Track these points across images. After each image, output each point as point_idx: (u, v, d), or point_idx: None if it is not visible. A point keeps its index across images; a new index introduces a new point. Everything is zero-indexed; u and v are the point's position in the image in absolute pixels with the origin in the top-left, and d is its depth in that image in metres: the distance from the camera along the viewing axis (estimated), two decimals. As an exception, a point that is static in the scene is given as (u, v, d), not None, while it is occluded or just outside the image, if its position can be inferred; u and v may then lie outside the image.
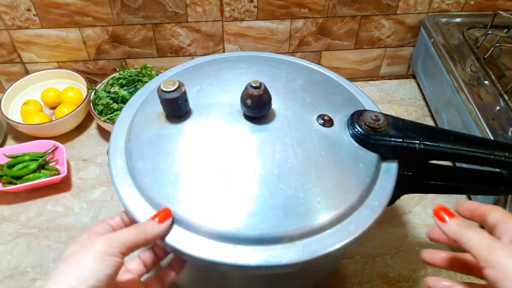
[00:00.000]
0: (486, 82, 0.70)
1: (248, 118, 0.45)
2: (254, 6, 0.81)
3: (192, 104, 0.46)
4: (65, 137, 0.80)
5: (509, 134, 0.61)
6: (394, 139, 0.43)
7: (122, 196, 0.41)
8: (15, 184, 0.69)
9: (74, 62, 0.87)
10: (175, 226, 0.38)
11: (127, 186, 0.41)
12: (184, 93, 0.43)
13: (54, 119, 0.79)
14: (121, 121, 0.48)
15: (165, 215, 0.37)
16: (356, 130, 0.44)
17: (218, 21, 0.83)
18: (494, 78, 0.70)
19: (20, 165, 0.71)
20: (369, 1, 0.82)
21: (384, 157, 0.44)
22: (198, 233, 0.38)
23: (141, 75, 0.83)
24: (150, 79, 0.82)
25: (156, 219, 0.37)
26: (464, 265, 0.42)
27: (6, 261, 0.63)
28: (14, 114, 0.81)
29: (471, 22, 0.83)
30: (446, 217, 0.36)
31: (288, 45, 0.88)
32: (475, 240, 0.33)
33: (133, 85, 0.82)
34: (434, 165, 0.49)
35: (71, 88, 0.84)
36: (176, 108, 0.44)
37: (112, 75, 0.84)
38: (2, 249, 0.65)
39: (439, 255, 0.43)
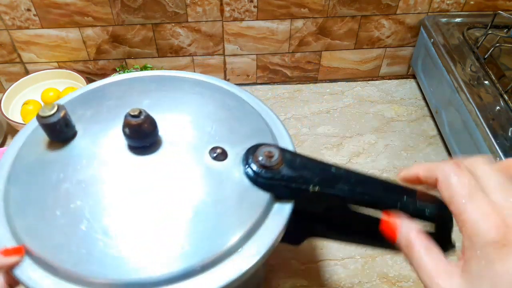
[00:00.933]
0: (486, 82, 0.70)
1: (132, 148, 0.42)
2: (254, 6, 0.81)
3: (81, 128, 0.44)
4: (65, 137, 0.80)
5: (509, 134, 0.61)
6: (285, 179, 0.38)
7: None
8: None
9: (74, 62, 0.87)
10: (32, 263, 0.36)
11: None
12: (64, 117, 0.40)
13: (54, 119, 0.79)
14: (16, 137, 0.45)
15: (15, 251, 0.37)
16: (247, 167, 0.40)
17: (218, 21, 0.83)
18: (494, 78, 0.70)
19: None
20: (369, 1, 0.82)
21: (278, 197, 0.40)
22: (53, 273, 0.35)
23: (141, 75, 0.83)
24: (150, 79, 0.82)
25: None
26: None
27: (6, 261, 0.63)
28: (14, 114, 0.81)
29: (471, 22, 0.83)
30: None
31: (288, 45, 0.88)
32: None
33: (133, 85, 0.82)
34: (341, 209, 0.42)
35: (71, 88, 0.84)
36: (56, 133, 0.41)
37: (112, 75, 0.84)
38: (2, 249, 0.64)
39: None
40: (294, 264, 0.64)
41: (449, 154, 0.79)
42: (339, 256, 0.65)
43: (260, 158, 0.39)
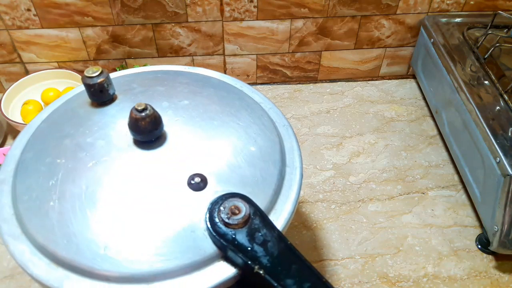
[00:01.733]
0: (486, 82, 0.70)
1: (136, 142, 0.42)
2: (254, 6, 0.81)
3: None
4: (65, 137, 0.80)
5: (509, 134, 0.61)
6: (235, 244, 0.34)
7: None
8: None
9: (74, 62, 0.87)
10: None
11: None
12: (105, 81, 0.44)
13: (54, 119, 0.79)
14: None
15: None
16: (208, 212, 0.36)
17: (218, 21, 0.83)
18: (494, 78, 0.70)
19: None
20: (369, 1, 0.82)
21: (225, 257, 0.36)
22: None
23: (141, 75, 0.83)
24: (150, 79, 0.82)
25: None
26: None
27: (6, 261, 0.63)
28: (14, 114, 0.81)
29: (471, 22, 0.83)
30: None
31: (288, 45, 0.88)
32: None
33: (133, 85, 0.82)
34: None
35: (71, 88, 0.84)
36: (96, 94, 0.45)
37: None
38: (2, 249, 0.65)
39: None
40: (294, 264, 0.64)
41: (449, 154, 0.79)
42: (339, 256, 0.65)
43: (223, 209, 0.36)
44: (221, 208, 0.36)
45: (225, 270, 0.35)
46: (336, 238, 0.67)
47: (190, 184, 0.39)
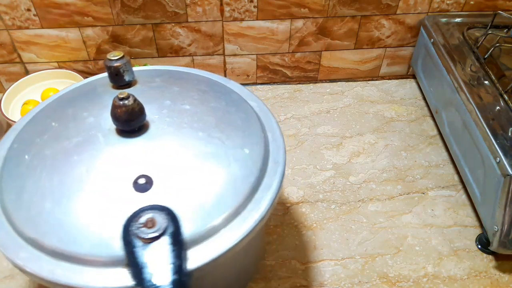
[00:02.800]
0: (486, 82, 0.70)
1: (119, 130, 0.44)
2: (254, 6, 0.81)
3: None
4: (65, 137, 0.80)
5: (509, 134, 0.61)
6: (131, 257, 0.34)
7: None
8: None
9: (74, 62, 0.87)
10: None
11: None
12: (124, 65, 0.48)
13: (54, 119, 0.79)
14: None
15: None
16: (127, 220, 0.36)
17: (218, 21, 0.83)
18: (494, 78, 0.70)
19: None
20: (369, 1, 0.82)
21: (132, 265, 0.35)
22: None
23: (141, 75, 0.83)
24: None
25: None
26: None
27: (6, 261, 0.63)
28: (14, 114, 0.81)
29: (471, 22, 0.83)
30: None
31: (288, 45, 0.88)
32: None
33: (133, 85, 0.82)
34: None
35: (71, 88, 0.84)
36: (114, 77, 0.49)
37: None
38: (2, 249, 0.65)
39: None
40: (294, 264, 0.64)
41: (449, 154, 0.79)
42: (339, 256, 0.65)
43: (137, 222, 0.36)
44: (138, 219, 0.36)
45: (121, 278, 0.35)
46: (336, 238, 0.67)
47: (134, 184, 0.40)
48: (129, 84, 0.50)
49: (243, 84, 0.93)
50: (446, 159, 0.79)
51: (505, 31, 0.79)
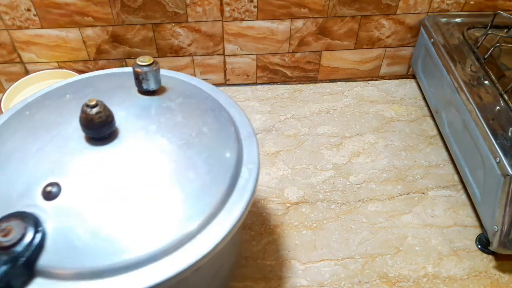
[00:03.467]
0: (486, 82, 0.70)
1: (88, 138, 0.43)
2: (254, 6, 0.81)
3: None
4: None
5: (509, 134, 0.61)
6: None
7: None
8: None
9: (74, 62, 0.87)
10: None
11: None
12: (146, 73, 0.47)
13: (54, 119, 0.79)
14: None
15: None
16: None
17: (218, 21, 0.83)
18: (494, 78, 0.70)
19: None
20: (369, 1, 0.82)
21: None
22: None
23: (141, 75, 0.83)
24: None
25: None
26: None
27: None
28: (14, 114, 0.81)
29: (471, 22, 0.83)
30: None
31: (288, 45, 0.88)
32: None
33: (133, 85, 0.82)
34: None
35: (71, 88, 0.84)
36: (136, 82, 0.48)
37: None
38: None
39: None
40: (294, 264, 0.64)
41: (449, 154, 0.79)
42: (339, 256, 0.65)
43: (3, 225, 0.36)
44: (3, 223, 0.36)
45: None
46: (336, 238, 0.67)
47: (43, 192, 0.39)
48: (152, 92, 0.49)
49: (242, 84, 0.93)
50: (446, 159, 0.79)
51: (505, 31, 0.79)
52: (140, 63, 0.47)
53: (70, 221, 0.38)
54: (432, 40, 0.81)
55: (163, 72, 0.54)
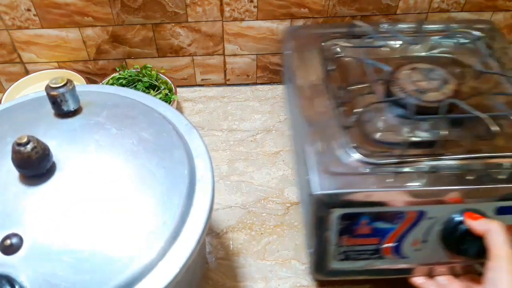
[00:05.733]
0: (323, 96, 0.65)
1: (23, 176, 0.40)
2: (254, 6, 0.81)
3: None
4: (65, 137, 0.80)
5: (320, 149, 0.56)
6: None
7: None
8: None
9: (74, 62, 0.87)
10: None
11: None
12: (73, 88, 0.44)
13: (54, 119, 0.79)
14: None
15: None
16: None
17: (218, 21, 0.83)
18: (332, 92, 0.65)
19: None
20: (369, 1, 0.82)
21: None
22: None
23: (141, 75, 0.83)
24: (150, 79, 0.82)
25: None
26: None
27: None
28: (14, 114, 0.81)
29: (331, 32, 0.77)
30: (475, 218, 0.50)
31: (288, 45, 0.88)
32: (500, 239, 0.47)
33: (133, 85, 0.82)
34: None
35: (71, 88, 0.84)
36: (53, 105, 0.45)
37: (112, 75, 0.84)
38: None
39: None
40: (294, 264, 0.64)
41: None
42: (339, 256, 0.65)
43: None
44: None
45: None
46: (336, 238, 0.67)
47: (2, 247, 0.36)
48: (68, 114, 0.45)
49: (242, 84, 0.93)
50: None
51: (354, 41, 0.75)
52: (54, 86, 0.43)
53: (45, 266, 0.36)
54: (288, 51, 0.76)
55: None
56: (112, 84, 0.81)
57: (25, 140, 0.37)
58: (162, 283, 0.37)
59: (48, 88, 0.43)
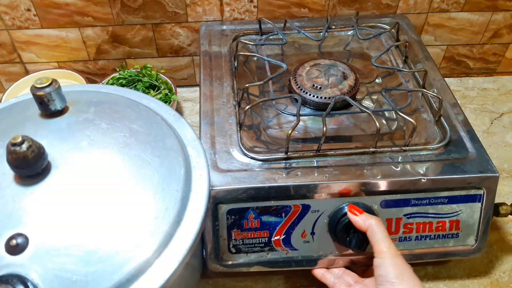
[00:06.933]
0: (227, 97, 0.65)
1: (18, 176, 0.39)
2: (254, 6, 0.81)
3: None
4: (65, 137, 0.80)
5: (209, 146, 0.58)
6: None
7: None
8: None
9: (74, 62, 0.87)
10: None
11: None
12: (59, 87, 0.44)
13: (54, 119, 0.79)
14: None
15: None
16: None
17: (218, 21, 0.83)
18: (235, 87, 0.66)
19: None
20: (369, 1, 0.82)
21: None
22: None
23: (141, 75, 0.83)
24: (150, 79, 0.82)
25: None
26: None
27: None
28: (14, 114, 0.81)
29: (244, 30, 0.78)
30: (357, 212, 0.52)
31: (288, 45, 0.88)
32: (380, 235, 0.49)
33: (133, 85, 0.82)
34: None
35: (71, 88, 0.84)
36: (45, 106, 0.44)
37: (112, 75, 0.84)
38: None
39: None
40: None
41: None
42: (339, 256, 0.65)
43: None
44: None
45: None
46: (336, 238, 0.67)
47: (8, 248, 0.36)
48: (56, 114, 0.45)
49: (243, 84, 0.93)
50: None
51: (258, 39, 0.76)
52: (40, 86, 0.42)
53: (54, 261, 0.36)
54: (202, 49, 0.75)
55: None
56: (112, 84, 0.81)
57: (19, 139, 0.36)
58: (174, 264, 0.38)
59: (34, 89, 0.43)
